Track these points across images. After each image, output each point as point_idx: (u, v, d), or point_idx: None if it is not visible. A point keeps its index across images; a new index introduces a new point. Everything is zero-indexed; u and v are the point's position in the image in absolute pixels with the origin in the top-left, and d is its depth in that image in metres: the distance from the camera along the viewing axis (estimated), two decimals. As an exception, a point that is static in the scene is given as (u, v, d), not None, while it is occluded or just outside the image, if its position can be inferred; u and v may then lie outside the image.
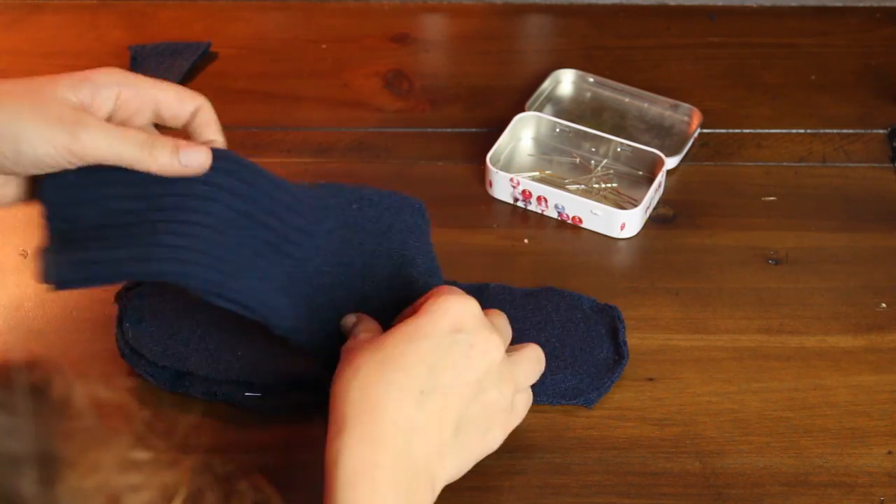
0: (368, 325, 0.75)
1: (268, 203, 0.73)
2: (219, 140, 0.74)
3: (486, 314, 0.73)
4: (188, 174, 0.70)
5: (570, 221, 0.94)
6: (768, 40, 1.13)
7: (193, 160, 0.70)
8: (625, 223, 0.93)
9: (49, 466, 0.43)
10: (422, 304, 0.72)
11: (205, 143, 0.73)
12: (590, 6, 1.16)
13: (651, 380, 0.83)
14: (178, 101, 0.73)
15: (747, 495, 0.76)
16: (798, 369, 0.84)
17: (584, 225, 0.94)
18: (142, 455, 0.46)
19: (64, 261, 0.70)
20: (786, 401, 0.82)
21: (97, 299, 0.87)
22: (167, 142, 0.70)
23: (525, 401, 0.75)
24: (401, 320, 0.73)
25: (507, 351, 0.73)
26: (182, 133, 0.74)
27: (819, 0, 1.16)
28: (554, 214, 0.95)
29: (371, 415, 0.67)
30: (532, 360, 0.76)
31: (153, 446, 0.47)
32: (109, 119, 0.72)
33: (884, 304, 0.88)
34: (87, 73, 0.72)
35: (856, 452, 0.79)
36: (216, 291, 0.69)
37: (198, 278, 0.69)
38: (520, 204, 0.96)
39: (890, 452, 0.79)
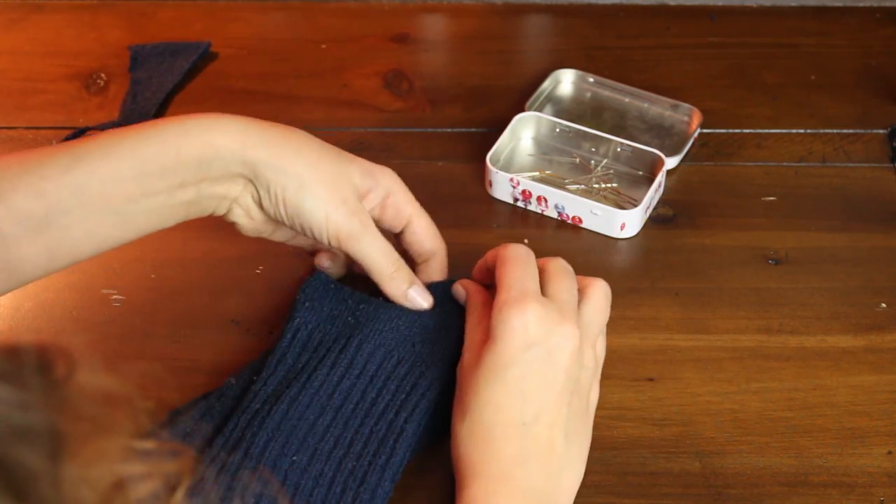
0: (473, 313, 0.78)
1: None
2: (438, 255, 0.82)
3: (542, 275, 0.76)
4: (406, 306, 0.79)
5: (570, 221, 0.94)
6: (768, 40, 1.13)
7: (417, 302, 0.80)
8: (625, 223, 0.93)
9: (57, 442, 0.44)
10: (486, 322, 0.75)
11: (426, 265, 0.82)
12: (590, 6, 1.16)
13: (651, 380, 0.83)
14: (425, 238, 0.81)
15: (747, 495, 0.76)
16: (798, 369, 0.84)
17: (584, 225, 0.94)
18: (145, 445, 0.47)
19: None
20: (786, 401, 0.82)
21: (97, 299, 0.87)
22: (406, 274, 0.79)
23: (602, 343, 0.78)
24: (471, 337, 0.76)
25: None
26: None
27: (819, 0, 1.16)
28: (554, 214, 0.95)
29: (486, 456, 0.70)
30: (600, 302, 0.77)
31: (156, 436, 0.47)
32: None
33: (884, 304, 0.88)
34: (376, 170, 0.79)
35: (856, 452, 0.79)
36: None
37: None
38: (520, 204, 0.96)
39: (890, 452, 0.79)
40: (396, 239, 0.83)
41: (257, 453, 0.72)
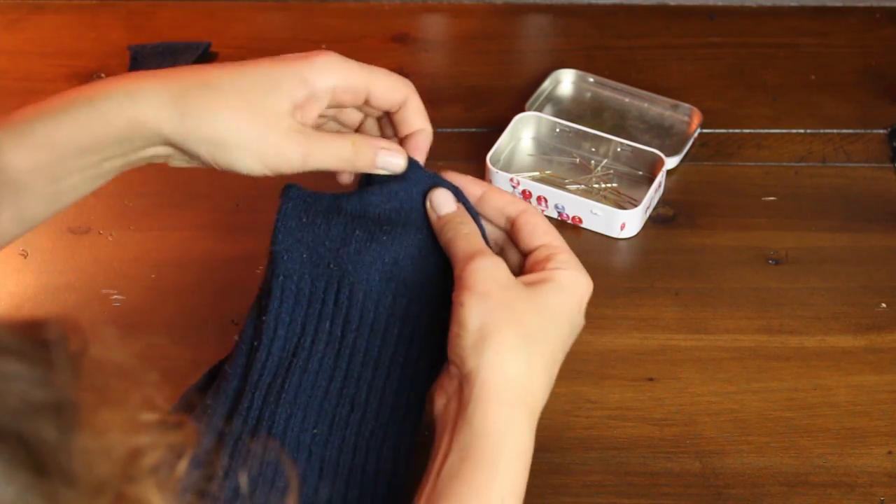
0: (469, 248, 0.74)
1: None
2: (426, 129, 0.77)
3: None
4: (383, 174, 0.75)
5: (570, 221, 0.94)
6: (768, 40, 1.13)
7: (390, 165, 0.75)
8: (625, 223, 0.93)
9: (72, 415, 0.44)
10: (542, 261, 0.72)
11: (414, 133, 0.77)
12: (590, 6, 1.16)
13: (651, 380, 0.83)
14: (389, 91, 0.76)
15: (747, 495, 0.76)
16: (798, 369, 0.84)
17: (584, 225, 0.94)
18: (149, 416, 0.47)
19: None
20: (786, 401, 0.82)
21: (97, 299, 0.87)
22: (367, 146, 0.74)
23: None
24: (521, 266, 0.73)
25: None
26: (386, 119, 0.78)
27: (819, 0, 1.16)
28: (554, 214, 0.95)
29: (530, 398, 0.68)
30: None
31: (160, 408, 0.48)
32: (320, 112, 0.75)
33: (884, 304, 0.88)
34: (308, 71, 0.73)
35: (856, 452, 0.79)
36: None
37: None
38: (520, 204, 0.95)
39: (890, 452, 0.79)
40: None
41: (280, 432, 0.73)
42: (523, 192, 0.94)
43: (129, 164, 0.73)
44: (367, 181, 0.77)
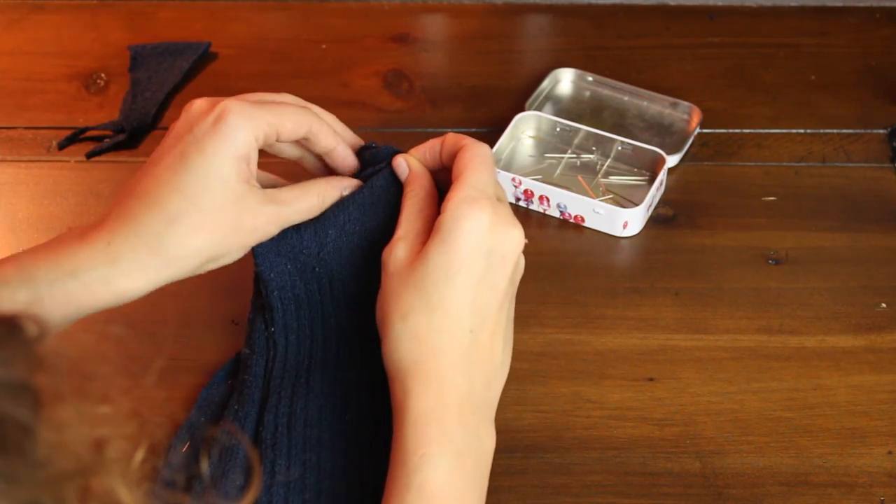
0: (410, 218, 0.74)
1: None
2: (337, 146, 0.79)
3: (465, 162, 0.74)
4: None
5: (572, 220, 0.94)
6: (768, 40, 1.13)
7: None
8: (627, 222, 0.93)
9: (36, 401, 0.45)
10: (428, 212, 0.73)
11: (328, 154, 0.79)
12: (590, 6, 1.16)
13: (651, 380, 0.83)
14: (295, 128, 0.76)
15: (747, 495, 0.76)
16: (798, 369, 0.84)
17: (586, 224, 0.94)
18: (105, 409, 0.48)
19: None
20: (786, 401, 0.82)
21: (97, 299, 0.87)
22: (333, 190, 0.77)
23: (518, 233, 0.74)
24: (410, 226, 0.73)
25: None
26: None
27: (819, 0, 1.16)
28: (556, 214, 0.95)
29: (429, 361, 0.68)
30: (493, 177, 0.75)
31: (115, 400, 0.48)
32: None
33: (884, 304, 0.88)
34: (231, 146, 0.71)
35: (856, 452, 0.79)
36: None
37: None
38: (522, 203, 0.96)
39: (890, 452, 0.79)
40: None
41: (315, 422, 0.74)
42: (525, 191, 0.94)
43: None
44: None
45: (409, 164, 0.77)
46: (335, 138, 0.78)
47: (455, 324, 0.69)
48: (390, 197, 0.77)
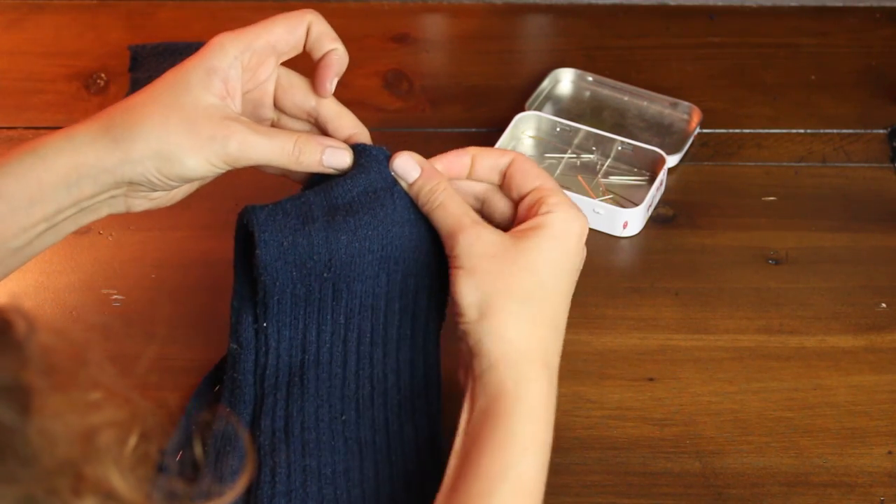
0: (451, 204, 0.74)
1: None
2: (338, 48, 0.77)
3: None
4: (330, 173, 0.75)
5: (570, 221, 0.94)
6: (768, 40, 1.13)
7: (336, 162, 0.75)
8: (627, 222, 0.93)
9: (24, 398, 0.45)
10: (534, 205, 0.72)
11: (325, 57, 0.76)
12: (590, 6, 1.16)
13: (651, 380, 0.83)
14: (289, 33, 0.76)
15: (747, 495, 0.76)
16: (798, 369, 0.84)
17: (584, 225, 0.94)
18: (95, 395, 0.48)
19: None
20: (786, 401, 0.82)
21: (97, 299, 0.87)
22: (312, 145, 0.74)
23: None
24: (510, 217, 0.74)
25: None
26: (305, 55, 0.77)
27: (819, 0, 1.16)
28: (554, 214, 0.94)
29: (547, 353, 0.69)
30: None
31: (108, 386, 0.49)
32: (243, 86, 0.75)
33: (884, 304, 0.88)
34: (208, 60, 0.73)
35: (856, 452, 0.79)
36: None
37: None
38: (520, 204, 0.96)
39: (890, 452, 0.79)
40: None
41: (312, 424, 0.74)
42: (523, 192, 0.94)
43: (87, 211, 0.72)
44: (315, 178, 0.77)
45: (419, 162, 0.75)
46: (337, 40, 0.77)
47: (561, 321, 0.71)
48: (397, 201, 0.75)
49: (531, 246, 0.70)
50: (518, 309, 0.69)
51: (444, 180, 0.74)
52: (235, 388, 0.76)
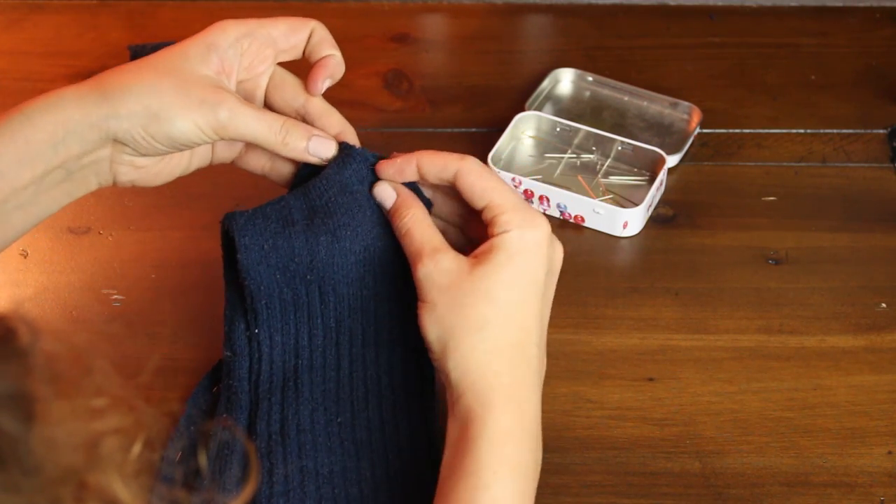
0: (424, 232, 0.73)
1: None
2: (335, 54, 0.78)
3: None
4: (313, 162, 0.76)
5: (572, 220, 0.94)
6: (768, 40, 1.13)
7: (321, 151, 0.76)
8: (627, 222, 0.93)
9: (28, 406, 0.45)
10: (488, 225, 0.71)
11: (322, 59, 0.77)
12: (590, 6, 1.16)
13: (651, 380, 0.83)
14: (292, 32, 0.77)
15: (747, 495, 0.76)
16: (798, 369, 0.84)
17: (586, 224, 0.94)
18: (101, 402, 0.48)
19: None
20: (786, 401, 0.82)
21: (97, 299, 0.87)
22: (300, 130, 0.75)
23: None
24: (450, 251, 0.72)
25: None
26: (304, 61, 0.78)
27: (819, 0, 1.16)
28: (556, 214, 0.95)
29: (511, 377, 0.68)
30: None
31: (111, 394, 0.49)
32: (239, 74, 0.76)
33: (884, 304, 0.88)
34: (209, 37, 0.74)
35: (856, 452, 0.79)
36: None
37: None
38: (520, 204, 0.95)
39: (890, 452, 0.79)
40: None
41: (308, 427, 0.74)
42: (525, 191, 0.94)
43: (74, 175, 0.72)
44: (297, 181, 0.78)
45: (396, 189, 0.76)
46: (335, 47, 0.78)
47: (528, 339, 0.70)
48: (375, 202, 0.76)
49: (486, 272, 0.69)
50: (476, 340, 0.69)
51: (415, 206, 0.74)
52: (231, 395, 0.76)
